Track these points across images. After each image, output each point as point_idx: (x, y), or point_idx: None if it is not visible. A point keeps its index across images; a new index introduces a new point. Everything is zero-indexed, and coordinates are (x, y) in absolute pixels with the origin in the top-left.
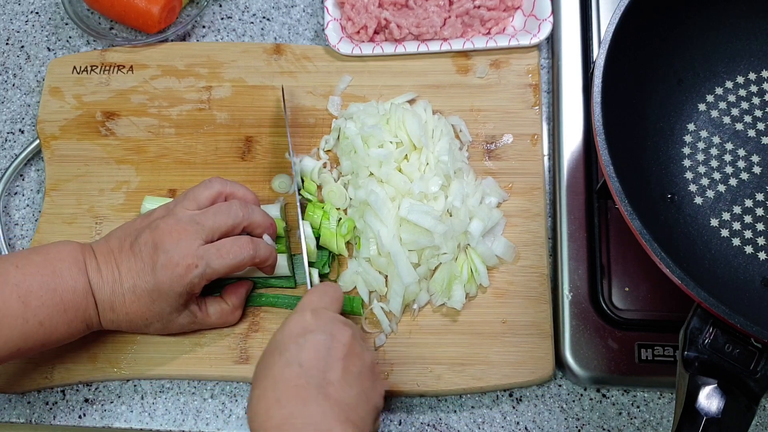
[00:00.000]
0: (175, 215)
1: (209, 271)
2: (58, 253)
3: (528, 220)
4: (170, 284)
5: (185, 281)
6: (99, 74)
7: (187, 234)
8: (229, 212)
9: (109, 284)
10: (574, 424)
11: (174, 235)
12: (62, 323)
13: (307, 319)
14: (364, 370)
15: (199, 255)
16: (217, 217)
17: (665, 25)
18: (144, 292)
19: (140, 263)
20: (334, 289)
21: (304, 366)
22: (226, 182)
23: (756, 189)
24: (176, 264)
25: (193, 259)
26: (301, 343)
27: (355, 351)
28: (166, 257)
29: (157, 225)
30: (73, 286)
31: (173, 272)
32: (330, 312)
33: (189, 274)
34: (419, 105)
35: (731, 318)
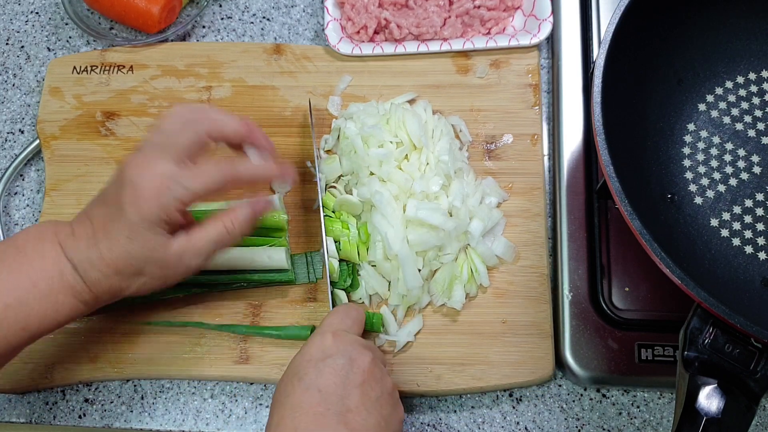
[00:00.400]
0: (140, 148)
1: (183, 192)
2: (24, 233)
3: (528, 220)
4: (140, 215)
5: (156, 205)
6: (99, 74)
7: (151, 159)
8: (182, 118)
9: (83, 241)
10: (574, 424)
11: (141, 165)
12: (35, 299)
13: (327, 343)
14: (384, 396)
15: (169, 176)
16: (174, 131)
17: (665, 25)
18: (118, 233)
19: (108, 208)
20: (356, 311)
21: (323, 392)
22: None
23: (756, 189)
24: (143, 189)
25: (162, 180)
26: (320, 367)
27: (374, 376)
28: (131, 188)
29: (123, 163)
30: (38, 258)
31: (140, 199)
32: (351, 335)
33: (160, 196)
34: (419, 105)
35: (731, 318)
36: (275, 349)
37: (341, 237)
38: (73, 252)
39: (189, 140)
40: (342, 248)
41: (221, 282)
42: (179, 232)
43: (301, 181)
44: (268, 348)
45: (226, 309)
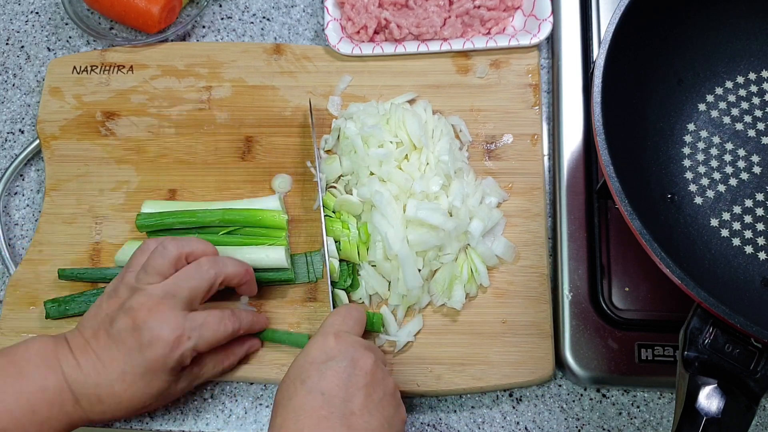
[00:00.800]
0: (145, 292)
1: (201, 342)
2: (25, 351)
3: (528, 220)
4: (163, 361)
5: (177, 354)
6: (99, 74)
7: (166, 308)
8: (200, 274)
9: (92, 377)
10: (574, 424)
11: (153, 311)
12: (32, 424)
13: (329, 344)
14: (386, 397)
15: (188, 327)
16: (189, 282)
17: (665, 25)
18: (136, 377)
19: (124, 348)
20: (357, 311)
21: (326, 394)
22: (179, 241)
23: (756, 189)
24: (165, 339)
25: (182, 331)
26: (323, 370)
27: (376, 378)
28: (151, 334)
29: (131, 306)
30: (42, 385)
31: (164, 347)
32: (352, 336)
33: (181, 346)
34: (419, 105)
35: (731, 318)
36: (276, 349)
37: (341, 237)
38: (78, 386)
39: (202, 291)
40: (342, 248)
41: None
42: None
43: (301, 180)
44: (268, 348)
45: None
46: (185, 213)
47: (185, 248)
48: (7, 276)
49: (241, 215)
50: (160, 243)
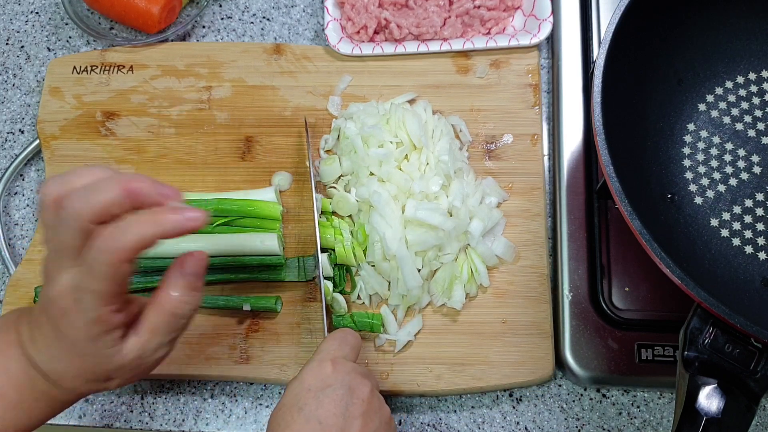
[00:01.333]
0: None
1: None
2: None
3: (528, 220)
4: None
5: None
6: (99, 74)
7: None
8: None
9: (45, 353)
10: (574, 424)
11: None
12: (5, 410)
13: (326, 371)
14: (382, 426)
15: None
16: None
17: (665, 25)
18: (70, 351)
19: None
20: (353, 337)
21: (323, 423)
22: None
23: (756, 189)
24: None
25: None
26: (320, 398)
27: (373, 406)
28: (53, 309)
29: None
30: (4, 366)
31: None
32: (349, 363)
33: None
34: (419, 105)
35: (731, 318)
36: (275, 349)
37: (335, 244)
38: (39, 361)
39: (69, 238)
40: (338, 254)
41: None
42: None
43: (301, 180)
44: (268, 348)
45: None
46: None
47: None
48: (7, 276)
49: (236, 205)
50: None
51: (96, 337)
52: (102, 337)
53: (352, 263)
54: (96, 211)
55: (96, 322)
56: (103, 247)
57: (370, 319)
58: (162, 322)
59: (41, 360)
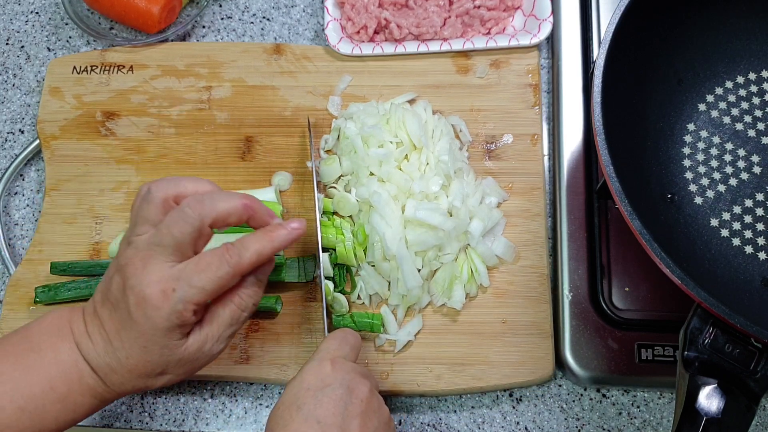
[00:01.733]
0: (133, 245)
1: (191, 292)
2: (39, 325)
3: (528, 220)
4: (151, 324)
5: (165, 312)
6: (99, 74)
7: (151, 260)
8: (182, 217)
9: (100, 345)
10: (574, 424)
11: (138, 266)
12: (52, 402)
13: (325, 371)
14: (381, 426)
15: (173, 277)
16: (172, 228)
17: (665, 25)
18: (132, 343)
19: (118, 312)
20: (353, 336)
21: (322, 423)
22: (167, 182)
23: (756, 189)
24: (149, 296)
25: (166, 284)
26: (319, 397)
27: (372, 407)
28: (135, 294)
29: (119, 263)
30: (56, 358)
31: (148, 307)
32: (348, 363)
33: (167, 301)
34: (419, 105)
35: (731, 318)
36: (275, 349)
37: (337, 244)
38: (91, 355)
39: (183, 235)
40: (338, 254)
41: None
42: (192, 333)
43: (301, 180)
44: (268, 348)
45: None
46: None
47: (171, 189)
48: (7, 276)
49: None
50: (146, 187)
51: (172, 329)
52: (175, 330)
53: (352, 263)
54: (218, 216)
55: (181, 314)
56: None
57: (370, 319)
58: (227, 315)
59: (94, 355)
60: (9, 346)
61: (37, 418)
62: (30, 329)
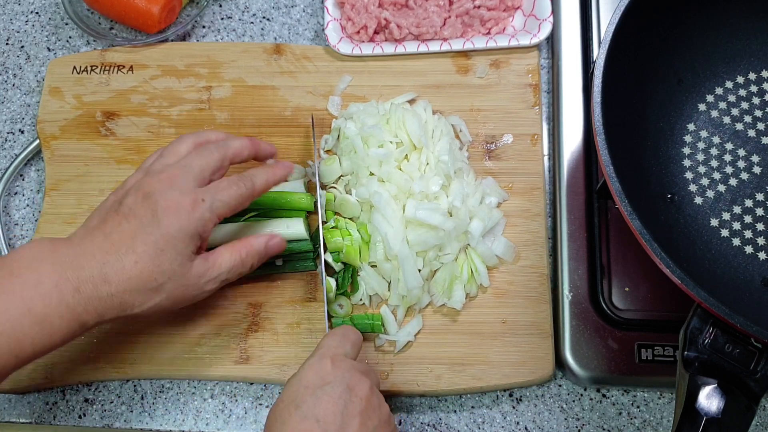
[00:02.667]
0: (158, 167)
1: (217, 203)
2: (17, 252)
3: (528, 220)
4: (179, 225)
5: (195, 217)
6: (99, 74)
7: (178, 177)
8: (207, 153)
9: (97, 257)
10: (574, 424)
11: (165, 180)
12: (30, 325)
13: (325, 368)
14: (381, 424)
15: (200, 191)
16: (198, 160)
17: (665, 25)
18: (148, 246)
19: (136, 220)
20: (354, 334)
21: (321, 421)
22: (198, 134)
23: (756, 189)
24: (180, 202)
25: (196, 194)
26: (319, 395)
27: (372, 404)
28: (165, 200)
29: (142, 182)
30: (36, 280)
31: (179, 211)
32: (349, 360)
33: (198, 208)
34: (419, 105)
35: (731, 318)
36: (275, 349)
37: (344, 244)
38: (78, 270)
39: (208, 164)
40: (345, 253)
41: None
42: (198, 256)
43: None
44: (268, 348)
45: (225, 309)
46: None
47: (200, 138)
48: None
49: (270, 197)
50: (179, 137)
51: (194, 236)
52: (196, 238)
53: (356, 263)
54: (235, 151)
55: (206, 222)
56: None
57: (370, 320)
58: (230, 259)
59: (85, 266)
60: None
61: (13, 341)
62: (10, 257)
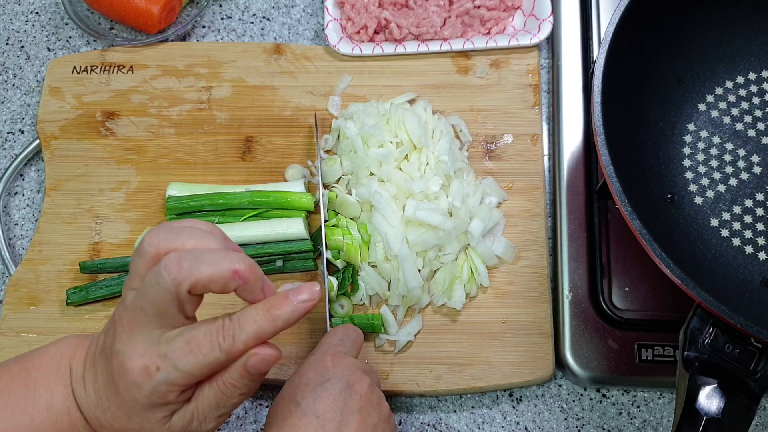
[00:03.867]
0: (124, 300)
1: (176, 374)
2: (40, 357)
3: (528, 220)
4: (131, 396)
5: (146, 391)
6: (99, 74)
7: (135, 325)
8: (158, 279)
9: (92, 398)
10: (574, 424)
11: (125, 328)
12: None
13: (326, 365)
14: (381, 422)
15: (160, 353)
16: (149, 292)
17: (665, 24)
18: (117, 409)
19: (105, 371)
20: (355, 332)
21: (320, 418)
22: (169, 233)
23: (756, 189)
24: (131, 369)
25: (150, 359)
26: (318, 392)
27: (372, 402)
28: (119, 362)
29: (113, 318)
30: (48, 402)
31: (127, 380)
32: (349, 358)
33: (149, 380)
34: (419, 105)
35: (731, 318)
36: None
37: (345, 242)
38: (83, 404)
39: (163, 300)
40: (346, 251)
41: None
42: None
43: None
44: None
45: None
46: (215, 195)
47: (166, 243)
48: (7, 276)
49: (270, 197)
50: (146, 234)
51: (153, 407)
52: (157, 408)
53: (356, 262)
54: (197, 282)
55: (163, 395)
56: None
57: (370, 320)
58: (212, 398)
59: (86, 404)
60: (6, 378)
61: None
62: (31, 361)
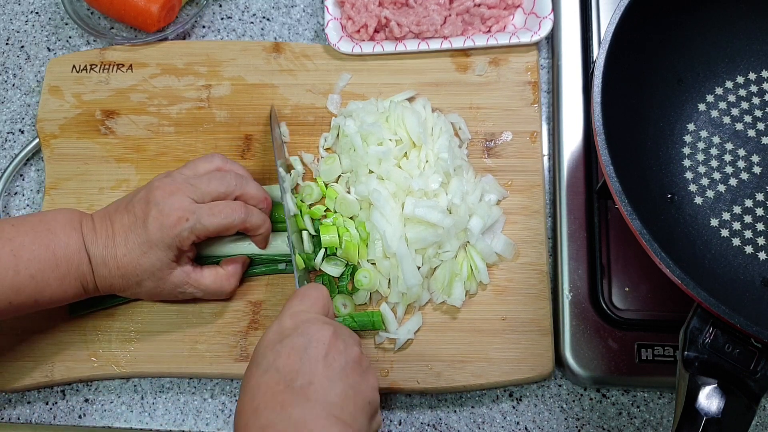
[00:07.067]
0: (171, 176)
1: (199, 226)
2: (54, 214)
3: (527, 218)
4: (160, 235)
5: (174, 232)
6: (98, 73)
7: (179, 191)
8: (223, 180)
9: (102, 240)
10: (574, 424)
11: (166, 191)
12: (54, 278)
13: (284, 325)
14: (349, 364)
15: (190, 210)
16: (211, 182)
17: (665, 24)
18: (135, 244)
19: (132, 218)
20: (316, 289)
21: (281, 371)
22: (227, 160)
23: (756, 189)
24: (166, 215)
25: (183, 213)
26: (278, 349)
27: (337, 347)
28: (156, 209)
29: (152, 185)
30: (65, 242)
31: (163, 223)
32: (309, 314)
33: (179, 225)
34: (418, 103)
35: (731, 318)
36: None
37: (343, 240)
38: (92, 247)
39: (216, 193)
40: (345, 249)
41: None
42: (185, 264)
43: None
44: None
45: (226, 306)
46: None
47: (227, 165)
48: None
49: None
50: (211, 154)
51: (171, 247)
52: (173, 249)
53: (355, 260)
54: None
55: (184, 239)
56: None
57: (370, 317)
58: (209, 278)
59: (95, 247)
60: (29, 225)
61: (39, 288)
62: (46, 216)
